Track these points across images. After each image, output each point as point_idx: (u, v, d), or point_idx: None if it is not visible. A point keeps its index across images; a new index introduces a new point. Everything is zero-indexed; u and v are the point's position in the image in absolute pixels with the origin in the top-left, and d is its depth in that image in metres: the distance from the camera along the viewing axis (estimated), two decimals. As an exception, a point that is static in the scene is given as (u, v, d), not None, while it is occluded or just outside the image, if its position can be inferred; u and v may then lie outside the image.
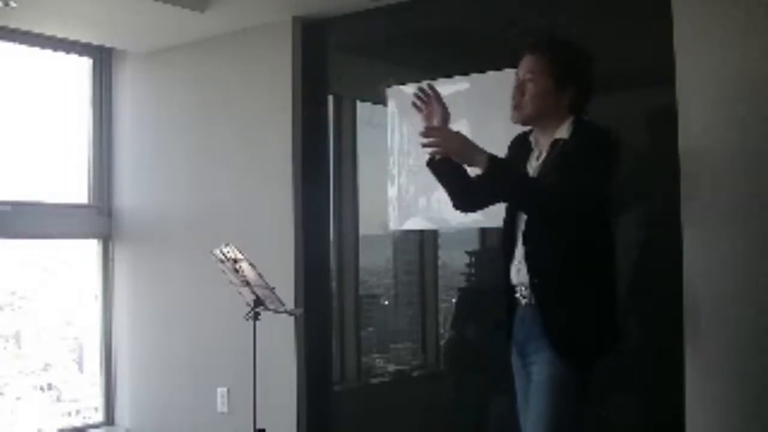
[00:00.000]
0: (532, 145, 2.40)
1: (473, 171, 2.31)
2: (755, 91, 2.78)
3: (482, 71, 3.52)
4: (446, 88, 3.65)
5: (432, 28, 3.75)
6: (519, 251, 2.32)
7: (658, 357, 3.07)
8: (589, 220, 2.23)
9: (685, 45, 2.91)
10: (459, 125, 2.48)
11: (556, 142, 2.30)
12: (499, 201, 2.44)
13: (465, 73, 3.60)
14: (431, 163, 2.44)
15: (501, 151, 2.40)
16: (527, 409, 2.33)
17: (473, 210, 2.66)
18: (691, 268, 2.87)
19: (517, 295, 2.35)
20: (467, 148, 2.20)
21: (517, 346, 2.40)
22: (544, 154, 2.34)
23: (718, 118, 2.85)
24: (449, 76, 3.67)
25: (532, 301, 2.29)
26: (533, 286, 2.26)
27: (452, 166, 2.38)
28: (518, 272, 2.33)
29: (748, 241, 2.79)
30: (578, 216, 2.19)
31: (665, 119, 2.96)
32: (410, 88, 3.80)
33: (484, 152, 2.18)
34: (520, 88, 2.34)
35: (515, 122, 2.39)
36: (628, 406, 3.14)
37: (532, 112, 2.33)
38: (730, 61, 2.83)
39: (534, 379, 2.28)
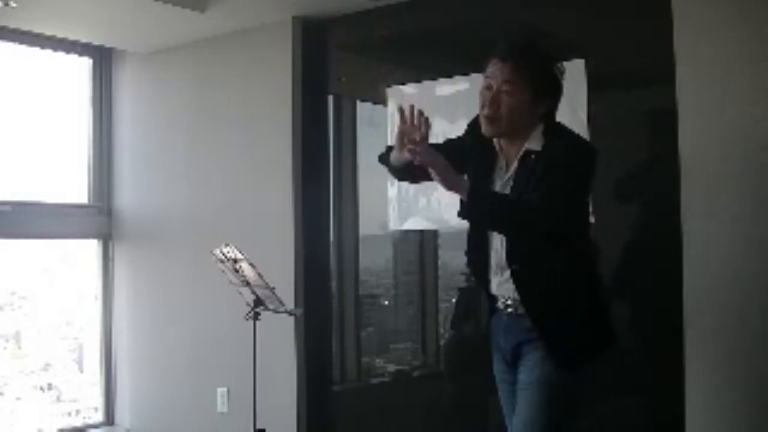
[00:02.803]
0: (497, 149, 2.29)
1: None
2: (754, 90, 2.78)
3: (482, 71, 3.51)
4: (446, 88, 3.68)
5: (432, 28, 3.75)
6: (498, 265, 2.27)
7: (658, 357, 3.07)
8: (573, 231, 2.20)
9: (685, 45, 2.91)
10: (459, 125, 2.48)
11: (527, 154, 2.19)
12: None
13: (465, 73, 3.60)
14: (385, 160, 2.39)
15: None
16: (514, 415, 2.28)
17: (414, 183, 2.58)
18: (691, 268, 2.88)
19: (500, 304, 2.31)
20: (449, 173, 2.10)
21: (502, 354, 2.35)
22: (514, 166, 2.23)
23: (717, 117, 2.85)
24: (449, 76, 3.67)
25: (519, 311, 2.24)
26: (524, 300, 2.21)
27: (411, 167, 2.24)
28: (499, 285, 2.28)
29: (748, 240, 2.79)
30: (563, 231, 2.15)
31: (665, 119, 2.96)
32: (410, 89, 3.81)
33: (464, 179, 2.12)
34: (495, 99, 2.18)
35: (489, 136, 2.24)
36: (628, 406, 3.14)
37: (509, 126, 2.20)
38: (730, 61, 2.83)
39: (522, 380, 2.24)
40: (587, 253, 2.32)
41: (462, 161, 2.31)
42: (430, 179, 2.25)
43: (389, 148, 2.39)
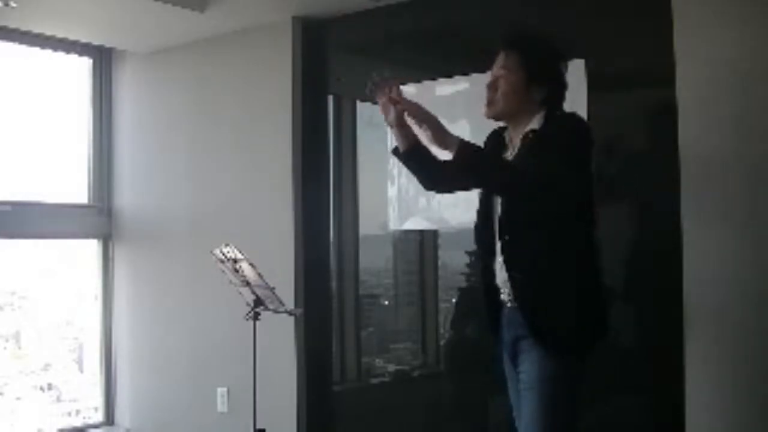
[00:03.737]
0: (506, 141, 2.38)
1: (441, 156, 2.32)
2: (755, 90, 2.79)
3: (482, 71, 3.50)
4: (446, 88, 3.68)
5: (432, 28, 3.75)
6: (498, 247, 2.31)
7: (658, 357, 3.07)
8: (567, 209, 2.21)
9: (685, 45, 2.91)
10: (459, 125, 2.49)
11: (527, 134, 2.29)
12: (470, 185, 2.45)
13: (465, 73, 3.60)
14: (397, 152, 2.45)
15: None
16: (520, 413, 2.30)
17: (446, 191, 2.67)
18: (690, 267, 2.88)
19: (503, 296, 2.33)
20: (441, 129, 2.20)
21: (506, 348, 2.37)
22: (517, 149, 2.33)
23: (718, 118, 2.85)
24: (449, 76, 3.67)
25: (515, 302, 2.26)
26: (512, 281, 2.24)
27: (418, 152, 2.39)
28: (501, 269, 2.30)
29: (748, 240, 2.79)
30: (554, 200, 2.17)
31: (665, 119, 2.96)
32: (410, 88, 3.81)
33: (455, 136, 2.19)
34: (492, 84, 2.34)
35: (488, 118, 2.38)
36: (628, 406, 3.14)
37: (504, 108, 2.32)
38: (730, 61, 2.83)
39: (523, 380, 2.25)
40: (587, 236, 2.30)
41: None
42: (465, 187, 2.47)
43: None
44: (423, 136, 2.26)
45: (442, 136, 2.19)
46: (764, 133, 2.76)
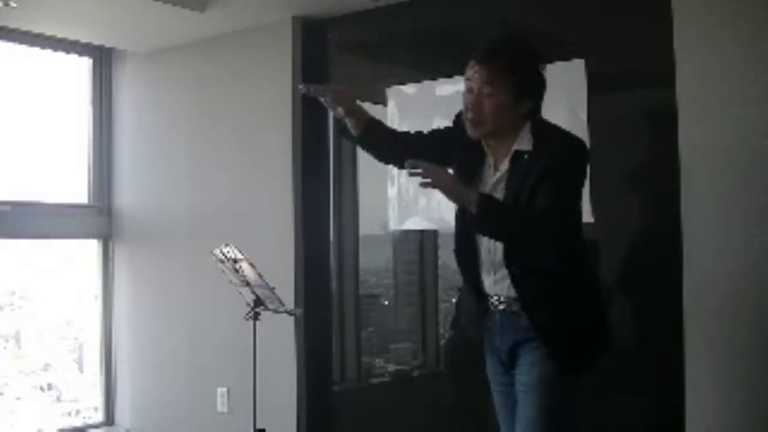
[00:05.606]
0: (484, 147, 2.26)
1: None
2: (755, 90, 2.78)
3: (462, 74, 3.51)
4: (446, 88, 3.68)
5: (432, 28, 3.75)
6: (491, 264, 2.25)
7: (658, 357, 3.07)
8: (571, 230, 2.19)
9: (685, 45, 2.91)
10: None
11: (518, 154, 2.18)
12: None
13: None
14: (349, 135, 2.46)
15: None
16: (512, 416, 2.27)
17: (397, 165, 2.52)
18: (691, 267, 2.88)
19: (493, 302, 2.28)
20: (459, 187, 2.11)
21: (496, 354, 2.33)
22: (505, 166, 2.21)
23: (718, 118, 2.85)
24: (449, 76, 3.67)
25: (513, 308, 2.22)
26: (522, 300, 2.18)
27: (378, 134, 2.42)
28: (493, 284, 2.26)
29: (748, 240, 2.79)
30: (565, 235, 2.15)
31: (665, 119, 2.96)
32: (410, 88, 3.81)
33: (472, 192, 2.09)
34: (477, 102, 2.17)
35: (476, 138, 2.23)
36: (628, 406, 3.14)
37: (494, 127, 2.18)
38: (730, 61, 2.83)
39: (522, 381, 2.22)
40: (583, 252, 2.31)
41: (447, 153, 2.34)
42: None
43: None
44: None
45: (459, 194, 2.09)
46: (764, 133, 2.76)
